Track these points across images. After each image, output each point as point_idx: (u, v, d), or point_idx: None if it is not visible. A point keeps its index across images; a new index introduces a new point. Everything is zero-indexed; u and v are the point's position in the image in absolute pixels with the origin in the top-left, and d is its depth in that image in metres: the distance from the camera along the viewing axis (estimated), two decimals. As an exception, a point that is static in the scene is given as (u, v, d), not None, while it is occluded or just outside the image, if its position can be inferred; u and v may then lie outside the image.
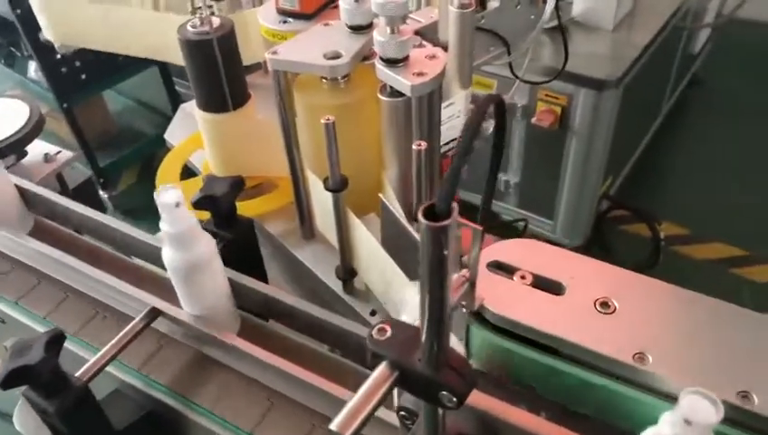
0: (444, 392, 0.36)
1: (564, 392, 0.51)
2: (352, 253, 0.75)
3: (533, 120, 1.86)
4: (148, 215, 0.72)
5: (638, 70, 1.84)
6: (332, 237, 0.76)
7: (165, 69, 2.61)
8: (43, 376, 0.56)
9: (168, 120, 2.65)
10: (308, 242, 0.85)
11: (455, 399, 0.36)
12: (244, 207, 0.85)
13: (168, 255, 0.60)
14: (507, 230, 2.14)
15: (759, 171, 2.54)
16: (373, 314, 0.75)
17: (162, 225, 0.57)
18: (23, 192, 0.85)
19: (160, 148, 2.75)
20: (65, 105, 2.28)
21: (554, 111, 1.83)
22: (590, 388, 0.50)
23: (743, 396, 0.46)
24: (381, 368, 0.38)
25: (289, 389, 0.63)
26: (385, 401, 0.37)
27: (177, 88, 2.68)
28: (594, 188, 2.01)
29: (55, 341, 0.57)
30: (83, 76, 2.30)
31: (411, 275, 0.62)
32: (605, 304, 0.52)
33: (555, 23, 1.43)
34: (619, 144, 2.00)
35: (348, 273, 0.77)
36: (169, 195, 0.55)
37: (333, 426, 0.35)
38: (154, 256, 0.74)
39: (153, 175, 0.98)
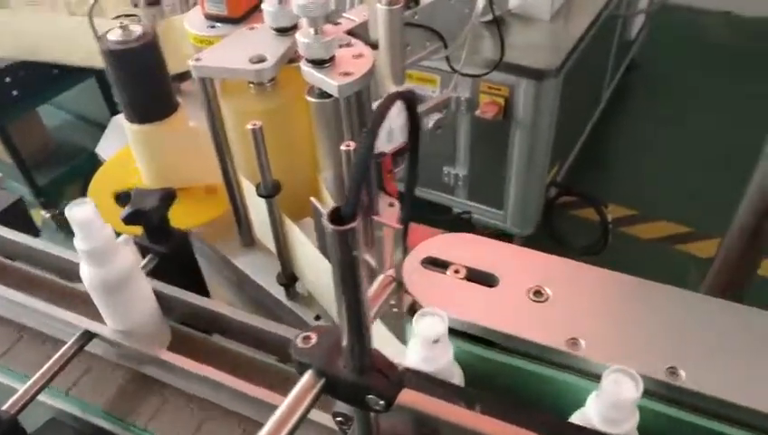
0: (370, 396, 0.36)
1: (504, 383, 0.52)
2: (292, 258, 0.74)
3: (477, 112, 1.87)
4: None
5: (577, 58, 1.87)
6: (271, 244, 0.75)
7: (103, 80, 2.54)
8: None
9: (109, 132, 2.55)
10: (248, 250, 0.84)
11: (382, 402, 0.36)
12: (181, 218, 0.83)
13: (85, 272, 0.57)
14: (457, 223, 2.16)
15: (698, 150, 2.63)
16: (318, 318, 0.74)
17: (76, 242, 0.54)
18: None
19: (101, 162, 2.67)
20: (-3, 123, 2.19)
21: (497, 102, 1.85)
22: (527, 377, 0.51)
23: (671, 372, 0.47)
24: (307, 376, 0.37)
25: (226, 400, 0.62)
26: (312, 408, 0.37)
27: (116, 100, 2.61)
28: (541, 176, 2.04)
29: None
30: (15, 92, 2.22)
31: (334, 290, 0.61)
32: (538, 293, 0.52)
33: (490, 17, 1.44)
34: (564, 132, 2.03)
35: (289, 278, 0.76)
36: (80, 210, 0.52)
37: (259, 438, 0.35)
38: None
39: None
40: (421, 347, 0.42)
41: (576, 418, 0.43)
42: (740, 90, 2.83)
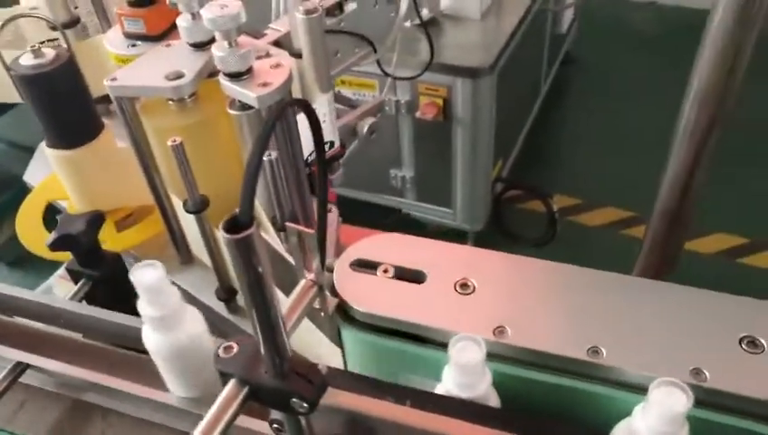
0: (294, 399, 0.36)
1: (436, 377, 0.53)
2: (229, 272, 0.73)
3: (418, 114, 1.90)
4: (36, 264, 0.67)
5: (510, 55, 1.92)
6: (207, 259, 0.75)
7: (36, 107, 2.47)
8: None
9: (45, 159, 2.47)
10: (187, 267, 0.83)
11: (305, 404, 0.36)
12: (116, 241, 0.82)
13: (153, 339, 0.52)
14: (407, 223, 2.19)
15: (637, 137, 2.72)
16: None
17: (142, 307, 0.50)
18: None
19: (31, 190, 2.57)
20: (-74, 158, 2.11)
21: (436, 103, 1.88)
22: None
23: (593, 351, 0.48)
24: (230, 386, 0.37)
25: (169, 419, 0.61)
26: (237, 416, 0.37)
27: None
28: (486, 172, 2.08)
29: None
30: (-58, 125, 2.14)
31: (285, 289, 0.61)
32: (465, 286, 0.54)
33: (417, 21, 1.47)
34: (504, 127, 2.08)
35: (228, 292, 0.75)
36: (149, 274, 0.48)
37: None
38: (11, 307, 0.69)
39: None
40: (456, 373, 0.42)
41: (621, 429, 0.42)
42: (667, 76, 2.94)
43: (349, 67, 1.16)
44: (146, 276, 0.47)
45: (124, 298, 0.73)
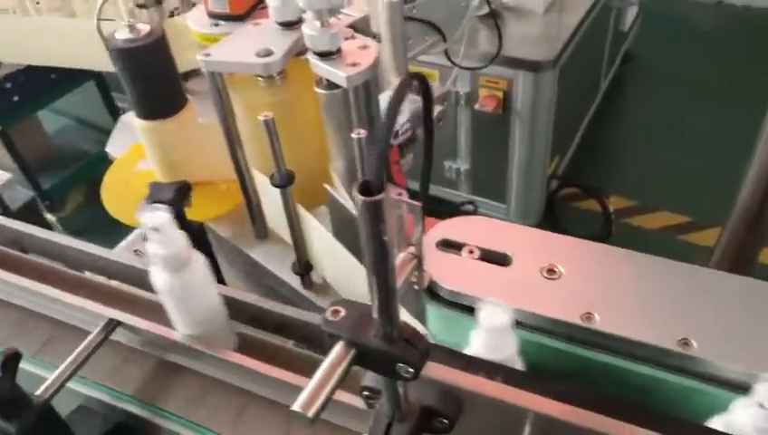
0: (400, 365, 0.38)
1: (521, 360, 0.53)
2: (306, 247, 0.75)
3: (477, 106, 1.89)
4: (99, 233, 0.70)
5: (572, 50, 1.89)
6: (285, 234, 0.77)
7: (102, 83, 2.55)
8: (2, 396, 0.55)
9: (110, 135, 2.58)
10: (262, 241, 0.85)
11: (411, 370, 0.37)
12: (194, 213, 0.85)
13: (159, 278, 0.56)
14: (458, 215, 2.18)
15: (696, 140, 2.65)
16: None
17: (151, 247, 0.53)
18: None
19: (105, 165, 2.68)
20: (0, 129, 2.21)
21: (496, 95, 1.87)
22: (543, 351, 0.53)
23: (683, 343, 0.48)
24: (337, 348, 0.38)
25: (252, 385, 0.64)
26: (344, 379, 0.38)
27: (117, 103, 2.62)
28: (542, 168, 2.06)
29: (11, 360, 0.55)
30: (16, 98, 2.23)
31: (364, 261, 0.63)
32: (551, 271, 0.54)
33: (486, 10, 1.46)
34: (562, 124, 2.05)
35: (304, 267, 0.77)
36: (158, 218, 0.52)
37: (296, 406, 0.36)
38: (108, 269, 0.73)
39: (99, 195, 0.95)
40: (486, 336, 0.44)
41: (717, 424, 0.42)
42: (731, 78, 2.86)
43: (418, 55, 1.17)
44: (156, 218, 0.51)
45: (205, 267, 0.76)
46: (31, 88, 2.24)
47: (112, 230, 0.88)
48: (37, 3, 0.96)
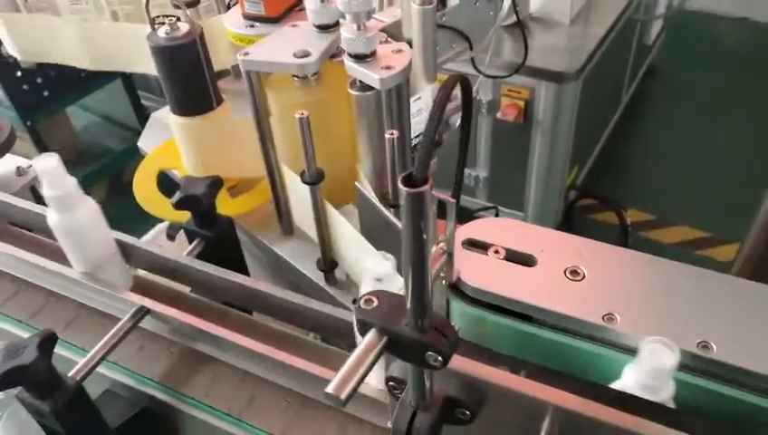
0: (430, 353, 0.39)
1: (540, 357, 0.55)
2: (332, 244, 0.77)
3: (498, 114, 1.91)
4: (119, 229, 0.73)
5: (596, 62, 1.90)
6: (311, 231, 0.79)
7: (129, 82, 2.60)
8: (38, 376, 0.57)
9: (135, 133, 2.65)
10: (287, 238, 0.87)
11: (440, 358, 0.39)
12: (229, 206, 0.87)
13: (53, 218, 0.65)
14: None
15: (715, 155, 2.64)
16: (355, 302, 0.77)
17: (43, 189, 0.62)
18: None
19: (128, 162, 2.73)
20: (29, 123, 2.26)
21: (518, 105, 1.89)
22: (564, 350, 0.54)
23: (703, 346, 0.49)
24: (370, 335, 0.40)
25: (275, 375, 0.66)
26: (374, 365, 0.40)
27: (142, 101, 2.67)
28: (561, 178, 2.07)
29: (48, 341, 0.58)
30: (46, 93, 2.28)
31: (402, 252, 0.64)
32: (575, 272, 0.55)
33: (514, 19, 1.48)
34: (583, 135, 2.06)
35: (329, 264, 0.79)
36: (48, 160, 0.61)
37: (329, 389, 0.38)
38: (135, 258, 0.75)
39: (123, 189, 0.98)
40: (646, 375, 0.43)
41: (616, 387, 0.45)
42: (756, 95, 2.84)
43: (445, 62, 1.19)
44: (46, 161, 0.60)
45: (233, 260, 0.79)
46: (60, 84, 2.29)
47: (133, 226, 0.91)
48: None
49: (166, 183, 0.94)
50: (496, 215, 2.10)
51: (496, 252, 0.57)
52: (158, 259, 0.74)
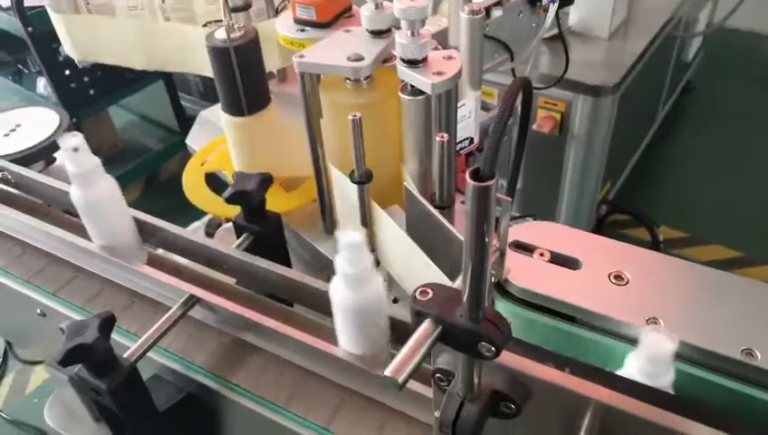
0: (483, 343, 0.41)
1: (582, 358, 0.56)
2: (375, 243, 0.79)
3: (534, 126, 1.91)
4: None
5: (634, 77, 1.90)
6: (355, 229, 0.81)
7: (170, 84, 2.67)
8: (97, 355, 0.60)
9: (173, 133, 2.71)
10: (329, 237, 0.90)
11: (493, 349, 0.41)
12: (278, 203, 0.90)
13: (74, 193, 0.70)
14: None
15: (751, 175, 2.61)
16: (395, 301, 0.79)
17: (67, 166, 0.67)
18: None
19: (165, 161, 2.79)
20: (74, 120, 2.33)
21: (554, 117, 1.89)
22: (606, 352, 0.55)
23: (747, 353, 0.50)
24: (425, 325, 0.42)
25: (319, 366, 0.68)
26: (428, 354, 0.42)
27: (182, 103, 2.74)
28: (593, 192, 2.07)
29: (107, 322, 0.61)
30: (92, 91, 2.36)
31: (437, 261, 0.66)
32: (619, 277, 0.57)
33: (554, 31, 1.49)
34: (618, 149, 2.06)
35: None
36: (70, 141, 0.65)
37: (388, 372, 0.40)
38: (186, 249, 0.78)
39: (159, 187, 1.02)
40: (646, 362, 0.45)
41: None
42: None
43: (487, 71, 1.20)
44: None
45: (279, 255, 0.81)
46: (106, 84, 2.36)
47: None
48: (162, 1, 1.03)
49: (212, 181, 0.98)
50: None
51: (541, 254, 0.59)
52: (209, 252, 0.77)
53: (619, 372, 0.47)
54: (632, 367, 0.46)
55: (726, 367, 0.50)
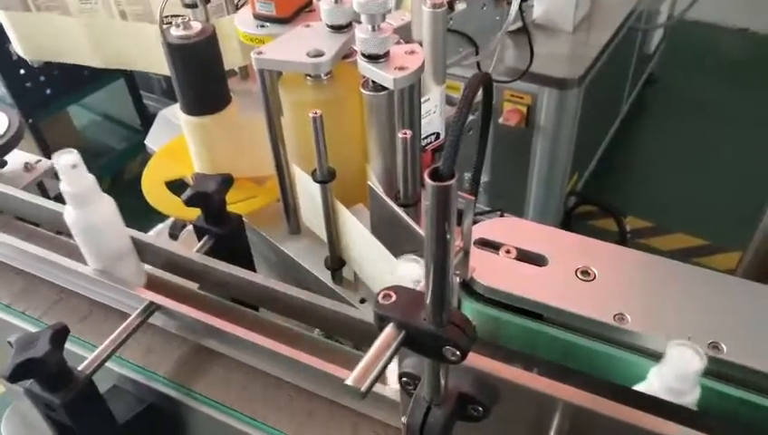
0: (448, 347, 0.40)
1: (550, 356, 0.55)
2: (341, 243, 0.77)
3: (501, 119, 1.92)
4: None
5: (598, 69, 1.91)
6: (319, 230, 0.79)
7: (132, 82, 2.61)
8: (49, 368, 0.57)
9: (136, 132, 2.64)
10: (294, 237, 0.88)
11: (458, 353, 0.39)
12: (233, 206, 0.87)
13: (70, 214, 0.65)
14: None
15: (713, 164, 2.66)
16: (363, 302, 0.78)
17: (62, 186, 0.62)
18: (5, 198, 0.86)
19: (129, 161, 2.73)
20: (31, 121, 2.26)
21: (520, 110, 1.90)
22: (574, 350, 0.54)
23: (713, 347, 0.50)
24: (388, 329, 0.40)
25: (284, 372, 0.66)
26: (392, 359, 0.40)
27: (144, 101, 2.67)
28: (561, 184, 2.08)
29: (59, 334, 0.58)
30: (48, 91, 2.29)
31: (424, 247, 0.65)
32: (585, 273, 0.56)
33: (519, 24, 1.49)
34: (584, 141, 2.07)
35: (336, 263, 0.79)
36: (67, 158, 0.60)
37: (349, 381, 0.38)
38: (145, 254, 0.75)
39: (124, 188, 0.98)
40: (673, 379, 0.43)
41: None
42: (755, 105, 2.87)
43: (452, 65, 1.19)
44: (65, 158, 0.59)
45: (242, 257, 0.79)
46: (63, 83, 2.29)
47: (134, 225, 0.91)
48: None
49: (174, 182, 0.95)
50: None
51: (508, 252, 0.58)
52: (168, 256, 0.75)
53: (639, 386, 0.46)
54: (656, 385, 0.44)
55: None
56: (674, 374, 0.43)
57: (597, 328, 0.53)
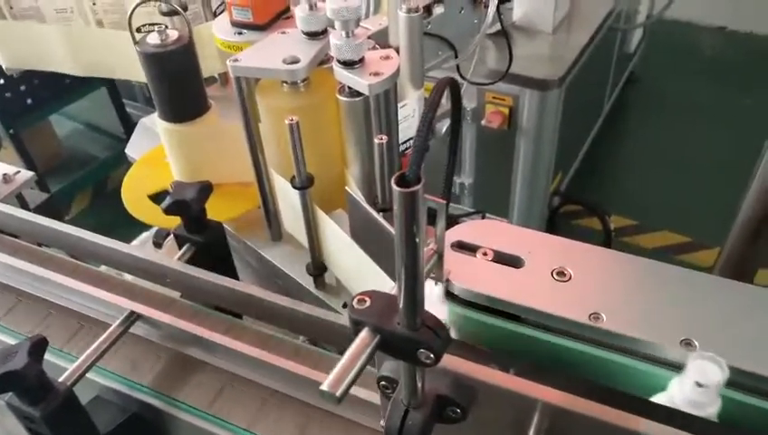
0: (422, 350, 0.40)
1: (528, 357, 0.56)
2: (322, 248, 0.78)
3: (483, 122, 1.93)
4: (105, 236, 0.73)
5: (579, 69, 1.93)
6: (300, 236, 0.79)
7: (114, 90, 2.59)
8: (28, 381, 0.57)
9: (119, 141, 2.63)
10: (276, 243, 0.88)
11: (432, 356, 0.40)
12: (213, 213, 0.87)
13: None
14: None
15: (695, 161, 2.68)
16: (345, 306, 0.78)
17: None
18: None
19: (113, 170, 2.71)
20: (11, 131, 2.24)
21: (502, 112, 1.91)
22: (551, 349, 0.55)
23: (686, 343, 0.51)
24: (363, 334, 0.41)
25: (267, 379, 0.66)
26: (367, 364, 0.41)
27: (127, 109, 2.66)
28: (545, 184, 2.09)
29: (38, 346, 0.58)
30: (29, 101, 2.27)
31: (382, 264, 0.65)
32: (561, 274, 0.57)
33: (498, 27, 1.50)
34: (566, 141, 2.09)
35: (318, 268, 0.80)
36: None
37: (324, 387, 0.38)
38: (126, 264, 0.75)
39: (106, 198, 0.98)
40: (691, 391, 0.42)
41: (660, 400, 0.46)
42: (734, 102, 2.90)
43: (430, 69, 1.20)
44: None
45: (223, 265, 0.79)
46: (44, 92, 2.28)
47: (118, 234, 0.91)
48: (93, 3, 1.00)
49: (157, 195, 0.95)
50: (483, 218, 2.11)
51: (484, 254, 0.58)
52: (148, 265, 0.75)
53: (658, 399, 0.46)
54: (677, 397, 0.44)
55: (666, 358, 0.51)
56: (694, 387, 0.42)
57: (573, 328, 0.53)
